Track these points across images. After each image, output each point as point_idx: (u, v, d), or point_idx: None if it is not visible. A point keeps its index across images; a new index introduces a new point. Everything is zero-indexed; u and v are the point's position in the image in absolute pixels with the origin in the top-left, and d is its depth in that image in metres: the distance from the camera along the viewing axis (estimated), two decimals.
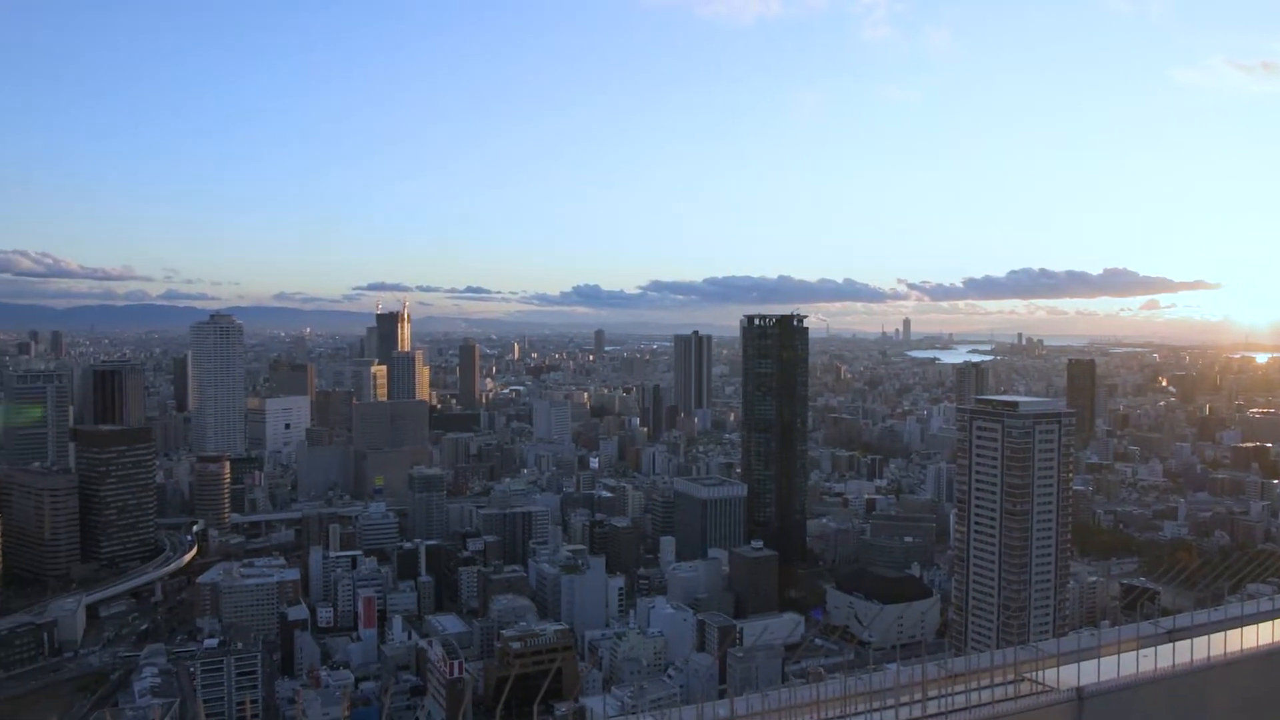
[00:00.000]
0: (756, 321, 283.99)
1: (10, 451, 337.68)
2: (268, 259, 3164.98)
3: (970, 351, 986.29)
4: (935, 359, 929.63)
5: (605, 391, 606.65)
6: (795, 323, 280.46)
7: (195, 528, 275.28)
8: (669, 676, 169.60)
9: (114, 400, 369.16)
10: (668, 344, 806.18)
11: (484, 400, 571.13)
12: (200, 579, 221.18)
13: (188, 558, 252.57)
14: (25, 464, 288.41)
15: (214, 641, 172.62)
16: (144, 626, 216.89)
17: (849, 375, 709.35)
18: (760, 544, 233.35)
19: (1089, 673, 25.70)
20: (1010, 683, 25.49)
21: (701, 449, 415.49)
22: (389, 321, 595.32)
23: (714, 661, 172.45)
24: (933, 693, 24.24)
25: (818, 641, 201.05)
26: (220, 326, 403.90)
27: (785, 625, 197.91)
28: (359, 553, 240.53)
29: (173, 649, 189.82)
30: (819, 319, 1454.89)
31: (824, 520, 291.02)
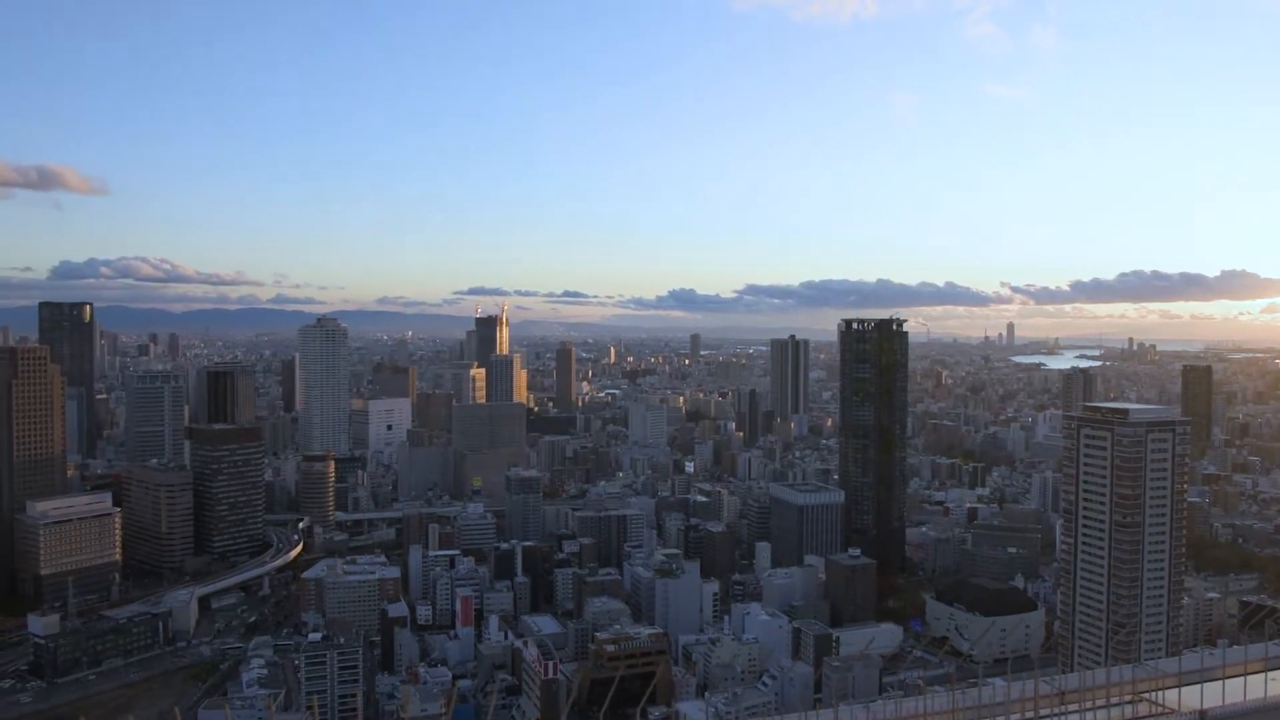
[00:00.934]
0: (855, 326, 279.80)
1: (131, 449, 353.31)
2: (372, 264, 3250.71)
3: (1078, 357, 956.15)
4: (1040, 364, 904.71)
5: (701, 395, 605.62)
6: (894, 327, 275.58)
7: (301, 524, 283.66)
8: (764, 684, 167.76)
9: (226, 400, 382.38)
10: (764, 348, 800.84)
11: (580, 403, 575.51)
12: (305, 574, 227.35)
13: (294, 553, 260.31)
14: (144, 461, 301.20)
15: (318, 636, 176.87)
16: (252, 619, 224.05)
17: (950, 381, 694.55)
18: (857, 552, 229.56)
19: (1212, 695, 24.19)
20: (1127, 703, 24.18)
21: (798, 454, 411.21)
22: (488, 325, 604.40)
23: (810, 670, 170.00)
24: (1045, 710, 23.13)
25: (917, 653, 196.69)
26: (326, 330, 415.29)
27: (883, 635, 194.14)
28: (457, 552, 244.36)
29: (279, 642, 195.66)
30: (919, 323, 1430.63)
31: (923, 529, 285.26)
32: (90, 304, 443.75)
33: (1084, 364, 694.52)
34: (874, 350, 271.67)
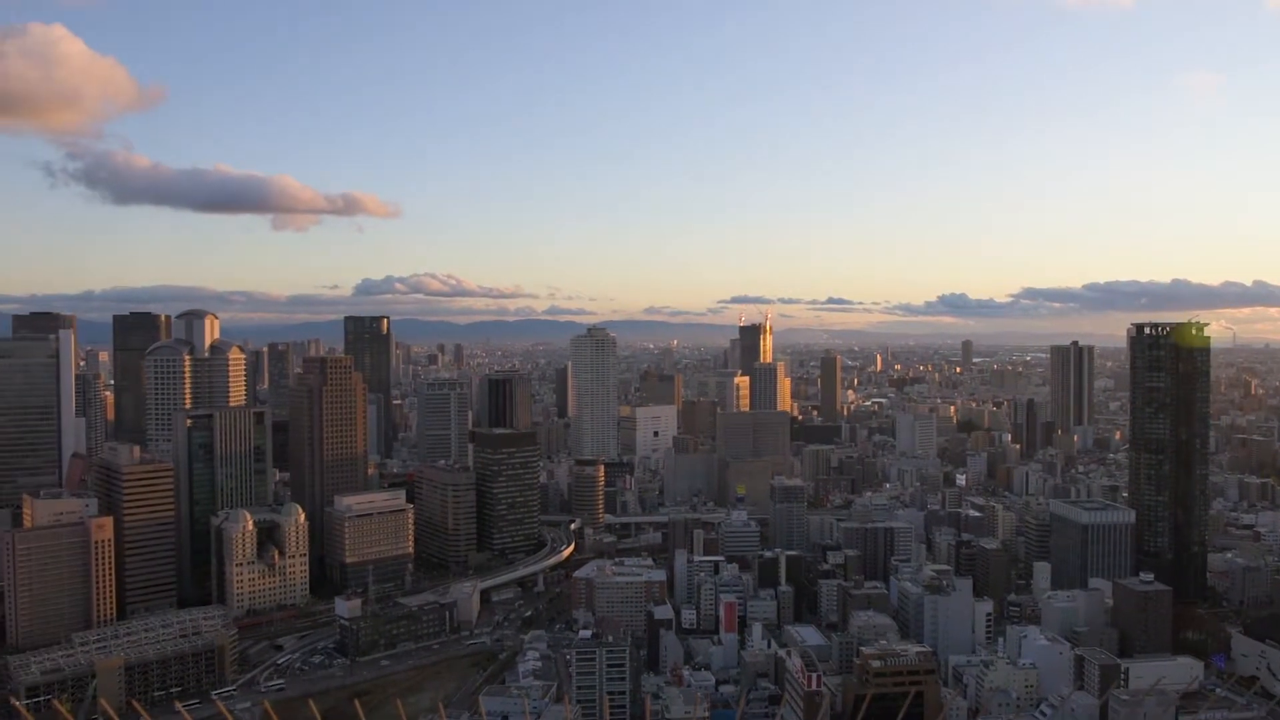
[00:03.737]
0: (1147, 330, 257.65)
1: (422, 450, 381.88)
2: (639, 276, 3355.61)
3: None
4: None
5: (973, 405, 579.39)
6: (1194, 331, 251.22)
7: (573, 525, 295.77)
8: (1042, 713, 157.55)
9: (505, 406, 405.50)
10: (1043, 355, 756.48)
11: (845, 412, 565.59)
12: (577, 574, 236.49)
13: (566, 553, 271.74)
14: (433, 461, 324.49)
15: (588, 633, 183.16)
16: (528, 613, 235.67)
17: (1261, 391, 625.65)
18: (1150, 577, 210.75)
19: None
20: None
21: (1081, 469, 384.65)
22: (752, 333, 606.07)
23: (1094, 702, 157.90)
24: None
25: (1221, 692, 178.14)
26: (596, 339, 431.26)
27: (1180, 670, 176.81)
28: (721, 558, 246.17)
29: (552, 636, 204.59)
30: (1223, 327, 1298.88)
31: (1228, 555, 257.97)
32: (387, 317, 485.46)
33: None
34: (1169, 357, 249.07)
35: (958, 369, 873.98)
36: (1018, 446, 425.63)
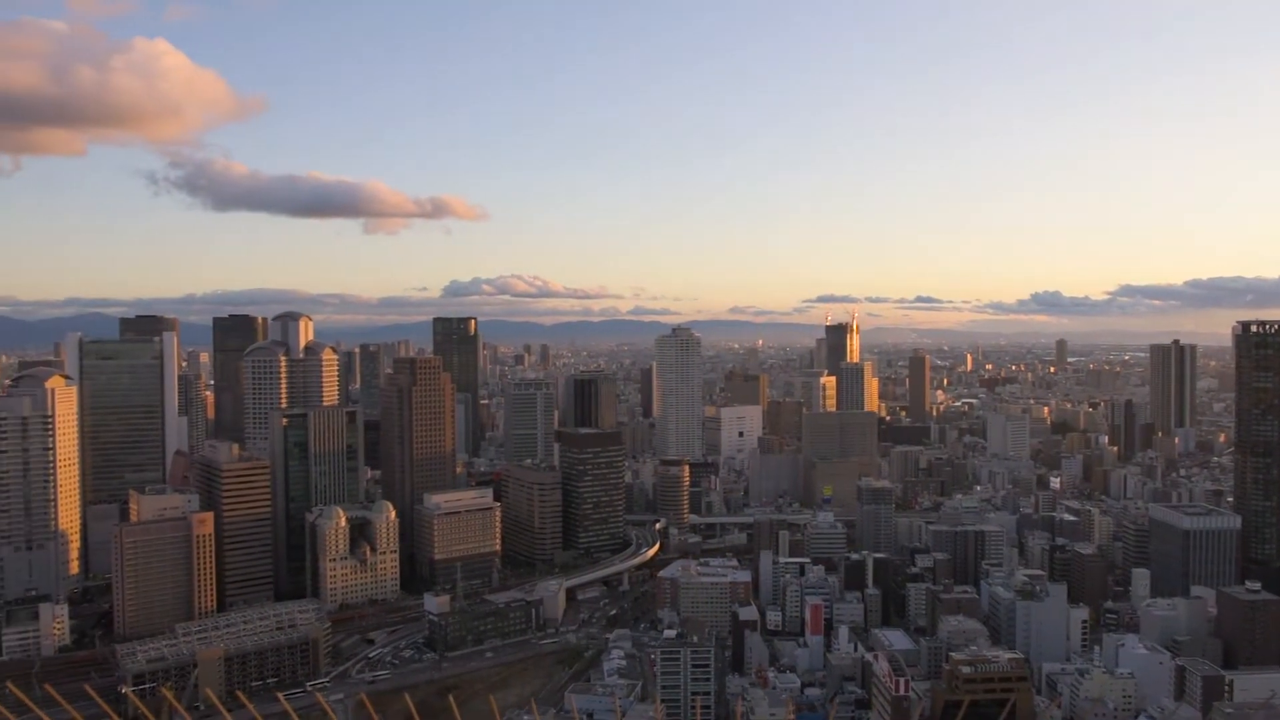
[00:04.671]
0: (1254, 328, 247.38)
1: (509, 449, 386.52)
2: (724, 275, 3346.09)
3: None
4: None
5: (1068, 406, 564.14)
6: None
7: (658, 525, 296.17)
8: None
9: (591, 406, 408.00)
10: (1142, 354, 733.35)
11: (934, 413, 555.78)
12: (662, 573, 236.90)
13: (651, 552, 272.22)
14: (520, 460, 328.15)
15: (673, 633, 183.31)
16: (613, 612, 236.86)
17: None
18: (1258, 586, 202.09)
19: None
20: None
21: (1183, 473, 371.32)
22: (838, 333, 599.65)
23: (1197, 715, 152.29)
24: None
25: None
26: (680, 339, 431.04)
27: None
28: (807, 560, 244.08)
29: (636, 635, 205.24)
30: None
31: None
32: (474, 318, 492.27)
33: None
34: (1278, 356, 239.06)
35: (1051, 369, 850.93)
36: (1115, 449, 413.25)
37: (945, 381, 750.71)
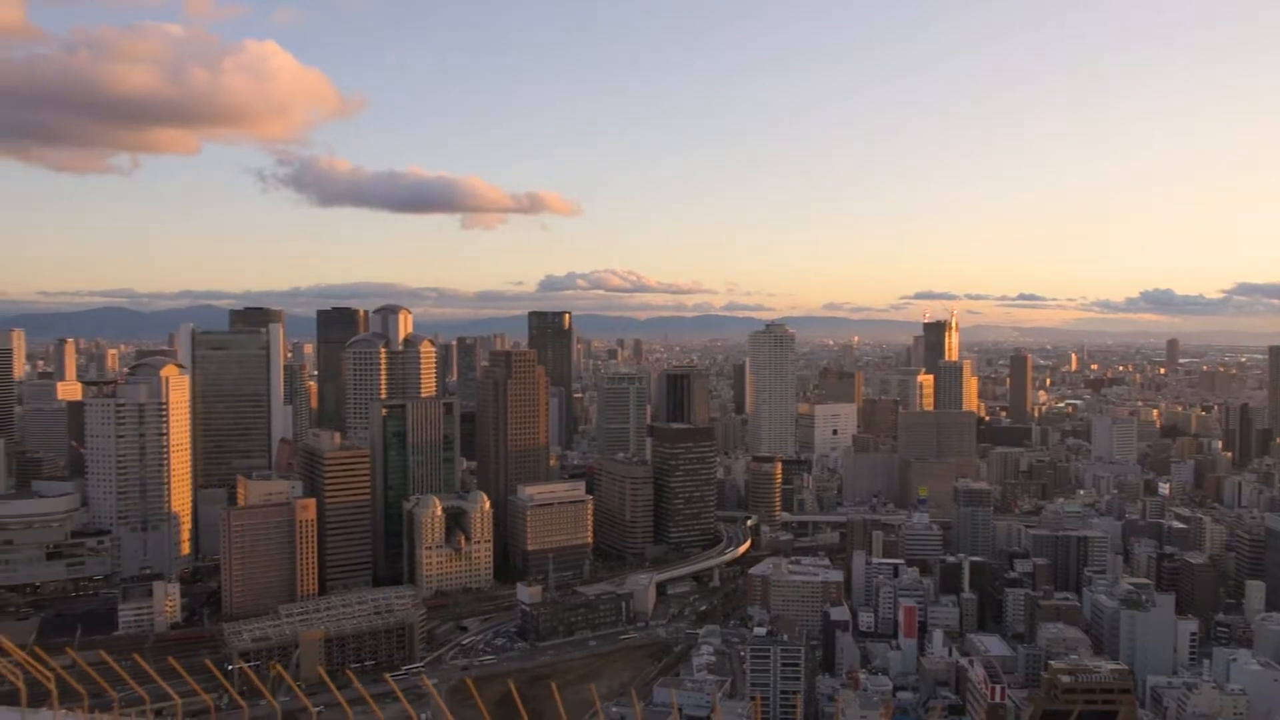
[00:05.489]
0: None
1: (601, 443, 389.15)
2: (819, 271, 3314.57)
3: None
4: None
5: (1179, 409, 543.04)
6: None
7: (749, 522, 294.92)
8: None
9: (683, 401, 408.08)
10: (1259, 356, 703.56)
11: (1036, 414, 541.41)
12: (753, 570, 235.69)
13: (742, 549, 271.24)
14: (612, 454, 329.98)
15: (763, 630, 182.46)
16: (703, 608, 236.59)
17: None
18: None
19: None
20: None
21: None
22: (936, 330, 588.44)
23: None
24: None
25: None
26: (774, 335, 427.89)
27: None
28: (901, 561, 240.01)
29: (726, 631, 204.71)
30: None
31: None
32: (569, 313, 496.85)
33: None
34: None
35: (1161, 370, 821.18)
36: (1229, 455, 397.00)
37: (1048, 381, 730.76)
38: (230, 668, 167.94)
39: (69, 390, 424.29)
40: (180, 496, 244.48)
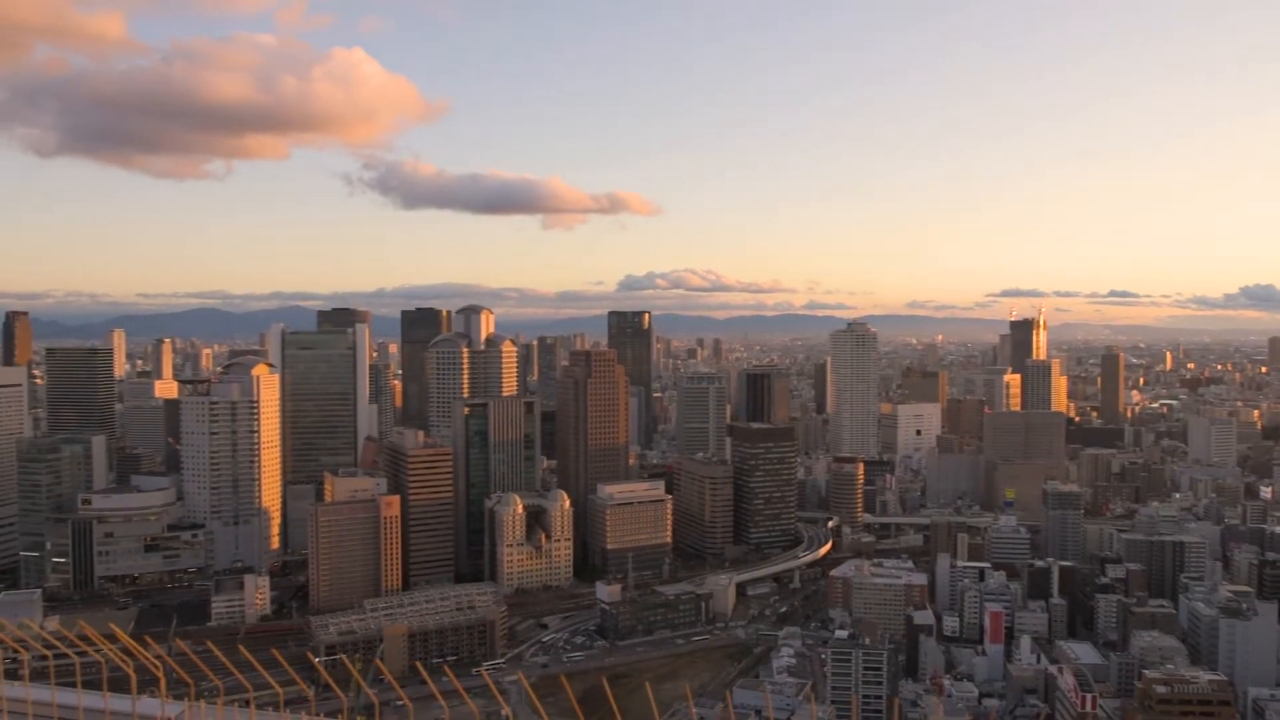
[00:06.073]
0: None
1: (681, 442, 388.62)
2: (901, 269, 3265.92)
3: None
4: None
5: None
6: None
7: (830, 523, 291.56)
8: None
9: (763, 401, 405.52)
10: None
11: (1129, 414, 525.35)
12: (834, 572, 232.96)
13: (823, 550, 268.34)
14: (691, 454, 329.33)
15: (845, 633, 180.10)
16: (783, 609, 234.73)
17: None
18: None
19: None
20: None
21: None
22: (1023, 328, 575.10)
23: None
24: None
25: None
26: (856, 334, 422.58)
27: None
28: (987, 565, 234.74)
29: (806, 634, 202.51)
30: None
31: None
32: (648, 312, 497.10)
33: None
34: None
35: (1263, 369, 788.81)
36: None
37: (1141, 381, 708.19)
38: (318, 660, 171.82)
39: (166, 388, 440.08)
40: (270, 492, 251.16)
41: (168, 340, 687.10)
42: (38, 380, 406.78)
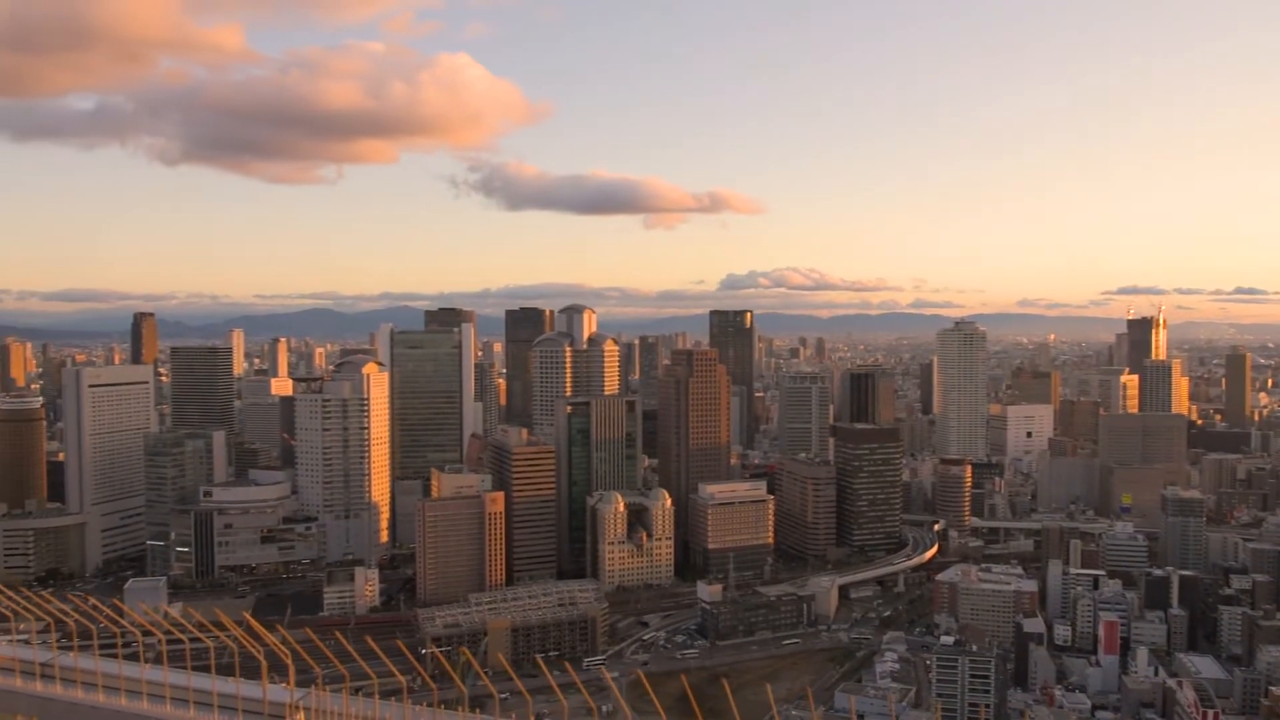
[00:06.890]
0: None
1: (783, 442, 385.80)
2: (1011, 266, 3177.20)
3: None
4: None
5: None
6: None
7: (936, 527, 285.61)
8: None
9: (867, 401, 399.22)
10: None
11: (1256, 417, 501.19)
12: (940, 577, 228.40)
13: (929, 554, 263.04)
14: (794, 454, 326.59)
15: (950, 640, 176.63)
16: (886, 613, 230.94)
17: None
18: None
19: None
20: None
21: None
22: (1141, 327, 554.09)
23: None
24: None
25: None
26: (964, 333, 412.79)
27: None
28: (1101, 573, 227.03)
29: (911, 639, 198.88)
30: None
31: None
32: (750, 311, 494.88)
33: None
34: None
35: None
36: None
37: (1269, 383, 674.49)
38: (424, 651, 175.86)
39: (281, 386, 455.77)
40: (380, 487, 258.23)
41: (283, 340, 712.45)
42: (163, 378, 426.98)
